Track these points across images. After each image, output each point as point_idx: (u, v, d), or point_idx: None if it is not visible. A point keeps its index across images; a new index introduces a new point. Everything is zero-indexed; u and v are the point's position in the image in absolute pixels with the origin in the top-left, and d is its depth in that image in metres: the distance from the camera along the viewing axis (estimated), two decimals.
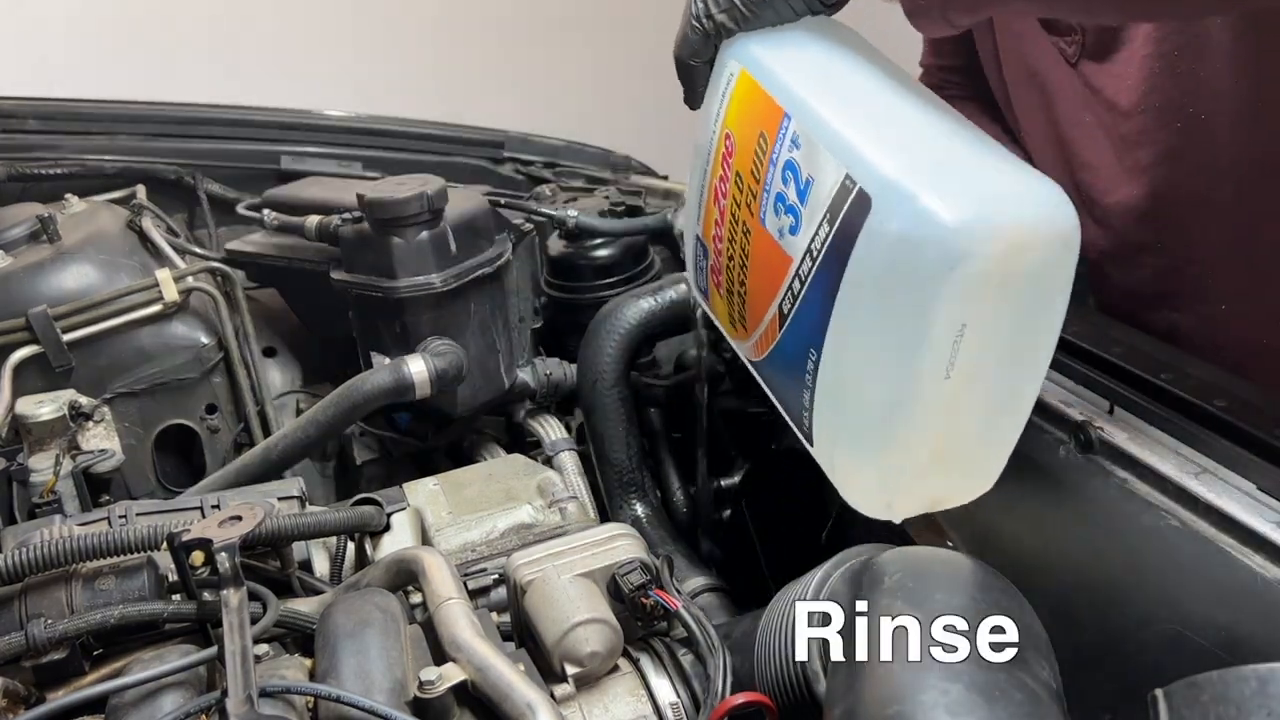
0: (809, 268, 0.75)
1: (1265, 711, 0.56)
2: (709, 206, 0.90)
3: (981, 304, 0.68)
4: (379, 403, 1.28)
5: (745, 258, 0.84)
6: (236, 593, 0.76)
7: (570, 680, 0.83)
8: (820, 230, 0.73)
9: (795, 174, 0.76)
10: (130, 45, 3.13)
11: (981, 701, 0.63)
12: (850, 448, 0.78)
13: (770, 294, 0.81)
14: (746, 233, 0.84)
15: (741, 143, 0.83)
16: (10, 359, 1.38)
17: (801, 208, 0.75)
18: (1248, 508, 0.73)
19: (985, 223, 0.66)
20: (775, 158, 0.79)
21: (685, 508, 1.46)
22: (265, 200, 1.64)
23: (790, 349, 0.79)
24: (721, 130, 0.86)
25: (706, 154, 0.89)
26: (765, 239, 0.81)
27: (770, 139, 0.79)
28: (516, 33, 3.59)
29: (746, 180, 0.83)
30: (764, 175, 0.80)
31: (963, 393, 0.71)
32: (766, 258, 0.81)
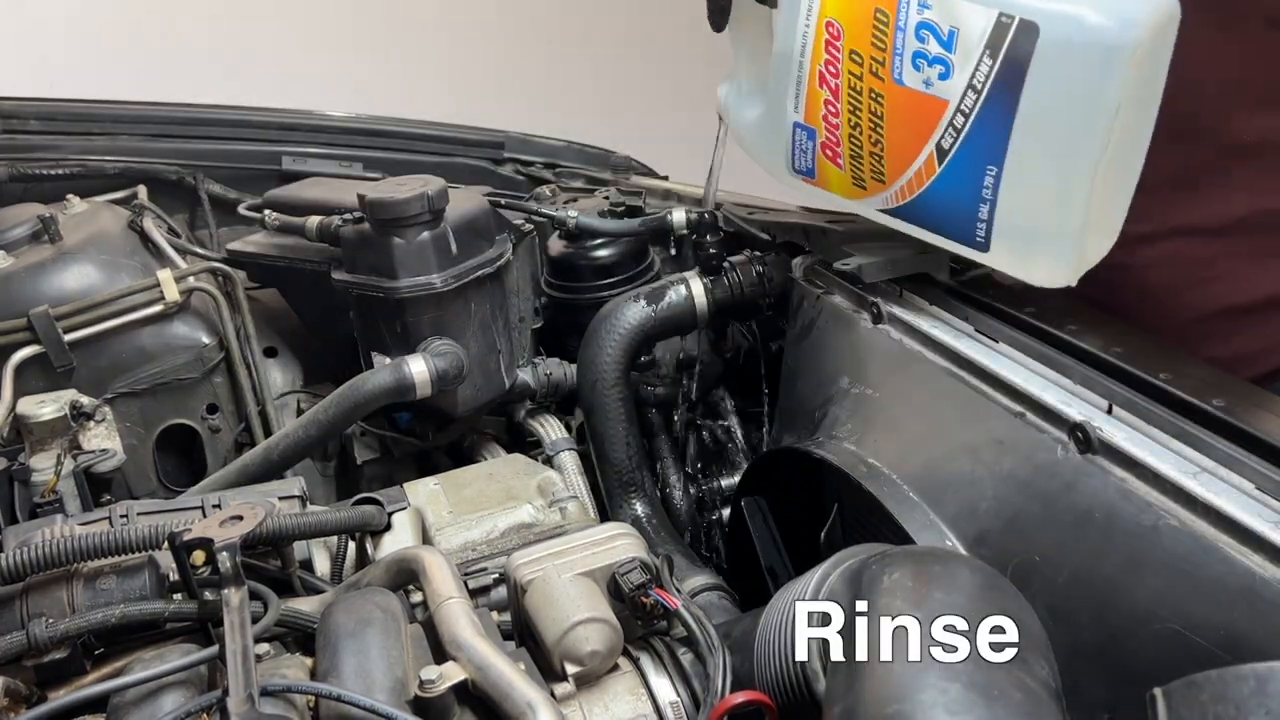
0: (974, 100, 0.91)
1: (1264, 710, 0.56)
2: (812, 93, 1.03)
3: (1132, 83, 0.86)
4: (380, 402, 1.28)
5: (879, 119, 0.98)
6: (237, 592, 0.77)
7: (570, 679, 0.83)
8: (981, 66, 0.89)
9: (933, 30, 0.91)
10: (131, 45, 3.14)
11: (981, 701, 0.64)
12: (1032, 236, 0.94)
13: (920, 139, 0.96)
14: (876, 96, 0.97)
15: (852, 24, 0.97)
16: (12, 359, 1.38)
17: (950, 55, 0.91)
18: (1246, 507, 0.73)
19: (1135, 17, 0.85)
20: (903, 23, 0.93)
21: (685, 508, 1.46)
22: (266, 201, 1.64)
23: (958, 176, 0.95)
24: (820, 22, 0.99)
25: (800, 49, 1.02)
26: (905, 95, 0.95)
27: (891, 11, 0.93)
28: (517, 33, 3.59)
29: (866, 54, 0.96)
30: (890, 43, 0.94)
31: (1112, 163, 0.90)
32: (910, 110, 0.95)
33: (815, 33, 1.00)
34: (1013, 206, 0.93)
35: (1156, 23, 0.86)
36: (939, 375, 1.03)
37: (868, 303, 1.16)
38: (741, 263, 1.37)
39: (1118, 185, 0.95)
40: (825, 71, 1.01)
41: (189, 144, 1.93)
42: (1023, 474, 0.91)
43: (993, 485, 0.93)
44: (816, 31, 1.00)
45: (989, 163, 0.92)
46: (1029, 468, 0.90)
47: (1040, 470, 0.89)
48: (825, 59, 1.00)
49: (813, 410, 1.22)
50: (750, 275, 1.36)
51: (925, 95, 0.94)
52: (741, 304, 1.37)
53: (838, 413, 1.16)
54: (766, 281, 1.35)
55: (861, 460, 1.08)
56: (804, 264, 1.32)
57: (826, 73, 1.01)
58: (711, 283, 1.36)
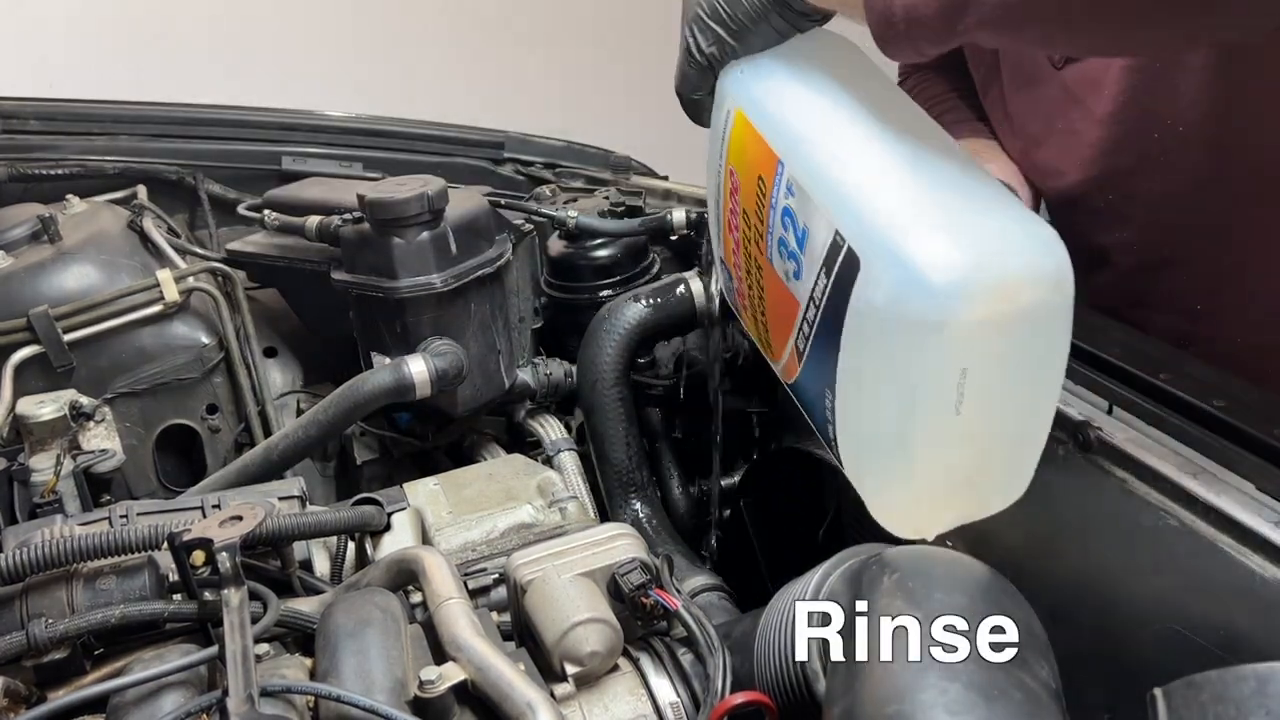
0: (814, 315, 0.76)
1: (1264, 711, 0.56)
2: (725, 234, 0.91)
3: (978, 349, 0.68)
4: (380, 403, 1.28)
5: (761, 291, 0.86)
6: (237, 592, 0.77)
7: (570, 680, 0.83)
8: (819, 281, 0.74)
9: (793, 221, 0.77)
10: (131, 45, 3.14)
11: (980, 701, 0.64)
12: (874, 478, 0.79)
13: (786, 330, 0.82)
14: (758, 268, 0.85)
15: (744, 182, 0.84)
16: (11, 359, 1.38)
17: (801, 256, 0.76)
18: (1246, 507, 0.73)
19: (972, 280, 0.65)
20: (774, 202, 0.79)
21: (685, 508, 1.46)
22: (266, 201, 1.64)
23: (809, 383, 0.81)
24: (726, 166, 0.87)
25: (716, 183, 0.90)
26: (774, 279, 0.82)
27: (768, 184, 0.80)
28: (517, 33, 3.59)
29: (752, 219, 0.83)
30: (766, 218, 0.80)
31: (976, 423, 0.72)
32: (778, 296, 0.82)
33: (724, 174, 0.88)
34: (849, 440, 0.79)
35: (1015, 290, 0.67)
36: None
37: None
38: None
39: (1009, 441, 0.76)
40: (729, 216, 0.89)
41: (189, 144, 1.93)
42: None
43: None
44: (725, 174, 0.88)
45: (825, 384, 0.77)
46: None
47: (1040, 470, 0.89)
48: (729, 207, 0.88)
49: None
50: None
51: (785, 288, 0.80)
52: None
53: None
54: None
55: None
56: None
57: (730, 218, 0.89)
58: (712, 283, 1.36)
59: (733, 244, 0.90)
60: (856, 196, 0.72)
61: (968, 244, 0.67)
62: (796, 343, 0.80)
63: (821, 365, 0.77)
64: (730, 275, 0.94)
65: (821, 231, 0.73)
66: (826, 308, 0.74)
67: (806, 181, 0.76)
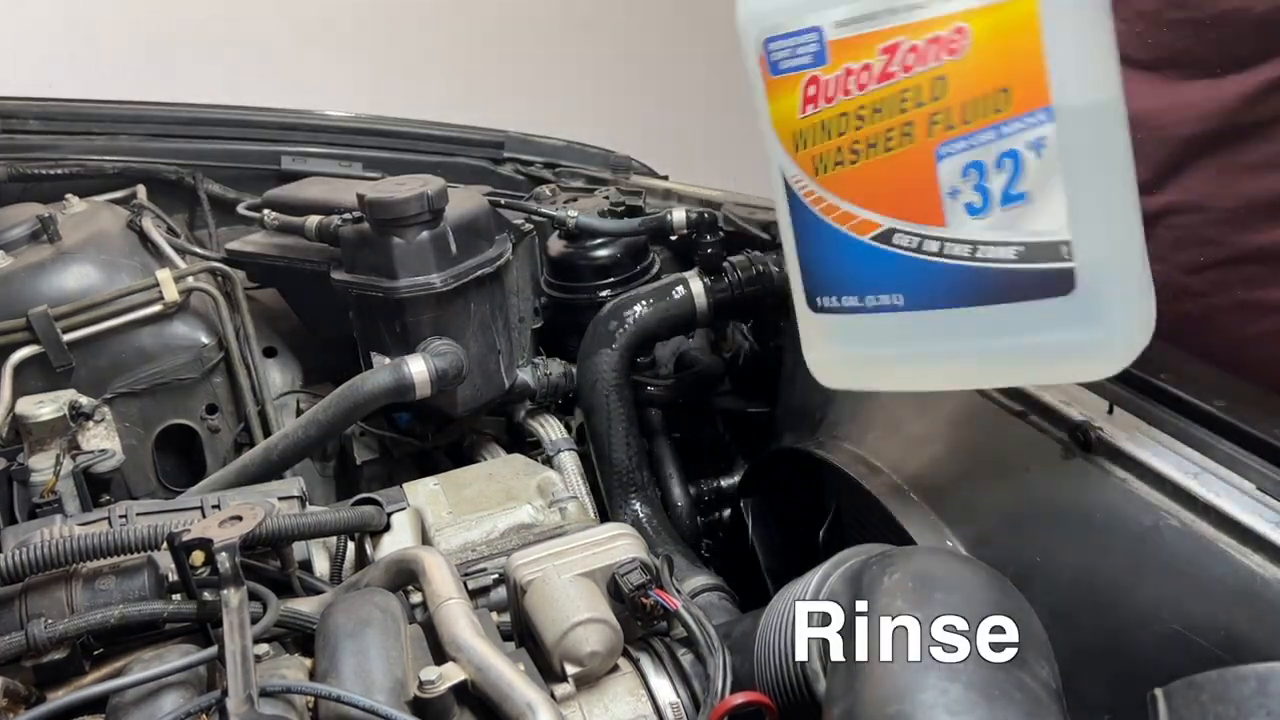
0: (966, 251, 0.75)
1: (1264, 711, 0.56)
2: (850, 45, 0.78)
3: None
4: (379, 403, 1.28)
5: (886, 146, 0.78)
6: (237, 593, 0.76)
7: (570, 680, 0.83)
8: (1000, 248, 0.74)
9: (1015, 173, 0.72)
10: (131, 45, 3.14)
11: (981, 701, 0.64)
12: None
13: (897, 206, 0.79)
14: (906, 135, 0.76)
15: (975, 65, 0.72)
16: (11, 359, 1.38)
17: (995, 207, 0.73)
18: (1247, 507, 0.73)
19: (1132, 351, 0.77)
20: (1003, 130, 0.72)
21: (685, 508, 1.46)
22: (266, 200, 1.64)
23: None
24: (954, 19, 0.73)
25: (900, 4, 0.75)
26: (926, 169, 0.75)
27: (1012, 106, 0.71)
28: (517, 33, 3.59)
29: (954, 108, 0.74)
30: (975, 126, 0.72)
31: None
32: (916, 180, 0.76)
33: (938, 22, 0.77)
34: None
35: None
36: None
37: None
38: (741, 262, 1.37)
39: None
40: (885, 49, 0.79)
41: (189, 144, 1.93)
42: (1023, 474, 0.91)
43: (993, 486, 0.93)
44: (942, 24, 0.76)
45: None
46: (1030, 468, 0.90)
47: (1041, 470, 0.89)
48: (904, 44, 0.78)
49: (813, 410, 1.22)
50: (750, 275, 1.36)
51: (937, 195, 0.80)
52: (741, 304, 1.37)
53: (838, 413, 1.16)
54: (766, 281, 1.35)
55: (861, 460, 1.08)
56: None
57: (888, 51, 0.79)
58: (711, 283, 1.36)
59: (858, 66, 0.78)
60: (1099, 216, 0.73)
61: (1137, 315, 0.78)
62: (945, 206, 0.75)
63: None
64: (823, 52, 0.80)
65: (1049, 222, 0.72)
66: (999, 276, 0.75)
67: (1068, 157, 0.71)
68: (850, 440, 1.12)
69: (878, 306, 0.83)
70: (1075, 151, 0.72)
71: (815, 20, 0.79)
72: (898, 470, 1.04)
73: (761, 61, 0.84)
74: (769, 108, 0.85)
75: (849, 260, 0.83)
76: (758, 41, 0.83)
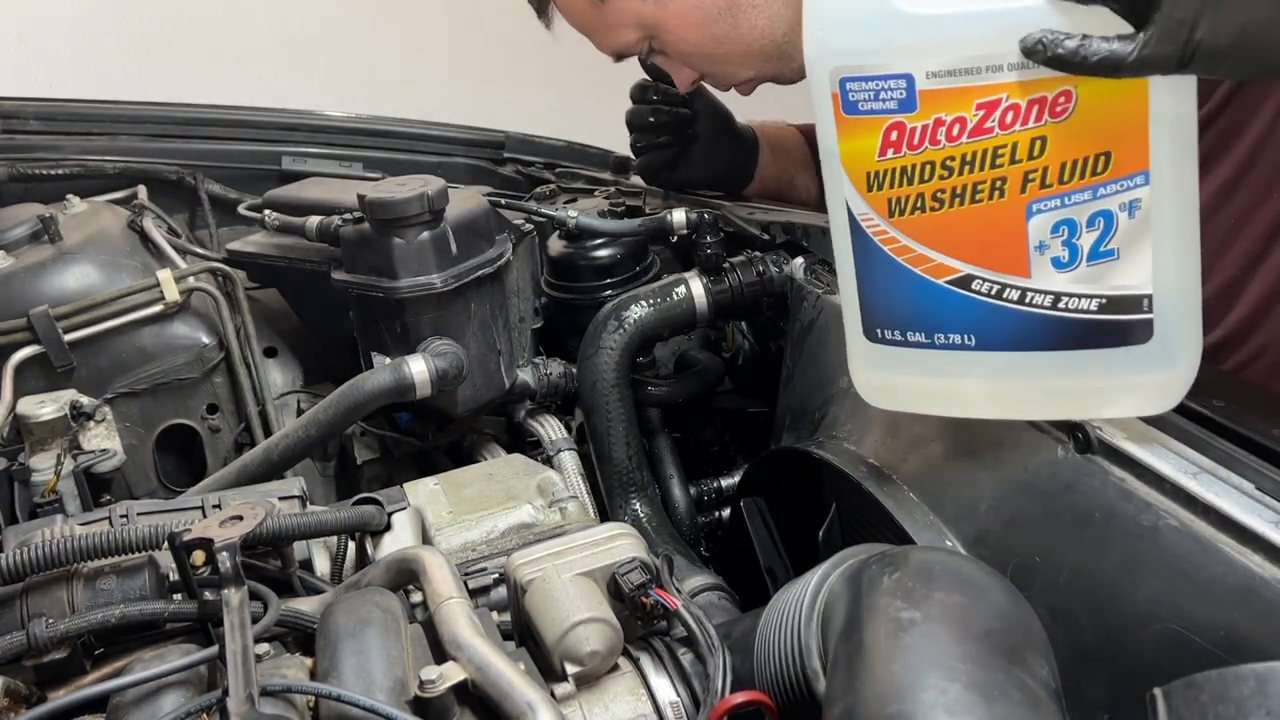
0: (1048, 301, 0.78)
1: (1264, 711, 0.56)
2: (943, 96, 0.76)
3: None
4: (380, 403, 1.28)
5: (974, 198, 0.78)
6: (237, 592, 0.77)
7: (570, 679, 0.83)
8: (1083, 299, 0.76)
9: (1106, 231, 0.74)
10: (131, 45, 3.14)
11: (980, 701, 0.64)
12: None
13: (979, 255, 0.80)
14: (998, 190, 0.77)
15: (1078, 128, 0.73)
16: (11, 359, 1.38)
17: (1083, 263, 0.75)
18: (1246, 507, 0.73)
19: (1188, 386, 0.78)
20: (1098, 193, 0.74)
21: (685, 508, 1.46)
22: (266, 201, 1.64)
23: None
24: (1061, 83, 0.72)
25: (1006, 57, 0.74)
26: (1015, 223, 0.76)
27: (1111, 169, 0.73)
28: (518, 33, 3.58)
29: (1051, 168, 0.75)
30: (1071, 186, 0.74)
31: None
32: (1002, 232, 0.77)
33: (1043, 86, 0.76)
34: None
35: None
36: None
37: None
38: (741, 263, 1.37)
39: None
40: (983, 105, 0.79)
41: (189, 144, 1.93)
42: (1022, 474, 0.91)
43: (992, 485, 0.93)
44: (1048, 88, 0.76)
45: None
46: (1029, 468, 0.90)
47: (1040, 470, 0.89)
48: (1007, 104, 0.78)
49: (813, 410, 1.22)
50: (750, 275, 1.36)
51: (1024, 251, 0.81)
52: (741, 304, 1.37)
53: (838, 413, 1.17)
54: (766, 281, 1.35)
55: (861, 460, 1.08)
56: (804, 264, 1.32)
57: (987, 109, 0.79)
58: (711, 283, 1.36)
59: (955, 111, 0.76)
60: (1176, 271, 0.76)
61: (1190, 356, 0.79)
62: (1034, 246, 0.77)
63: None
64: (914, 97, 0.79)
65: (1132, 277, 0.75)
66: (1073, 324, 0.78)
67: (1156, 219, 0.74)
68: (850, 440, 1.12)
69: (946, 344, 0.85)
70: (1164, 210, 0.74)
71: (905, 67, 0.77)
72: (897, 470, 1.04)
73: (835, 99, 0.82)
74: (839, 145, 0.83)
75: (920, 300, 0.84)
76: (831, 79, 0.81)
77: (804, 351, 1.27)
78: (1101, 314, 0.77)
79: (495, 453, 1.47)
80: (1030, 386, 0.84)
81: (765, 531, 1.30)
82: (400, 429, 1.52)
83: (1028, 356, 0.82)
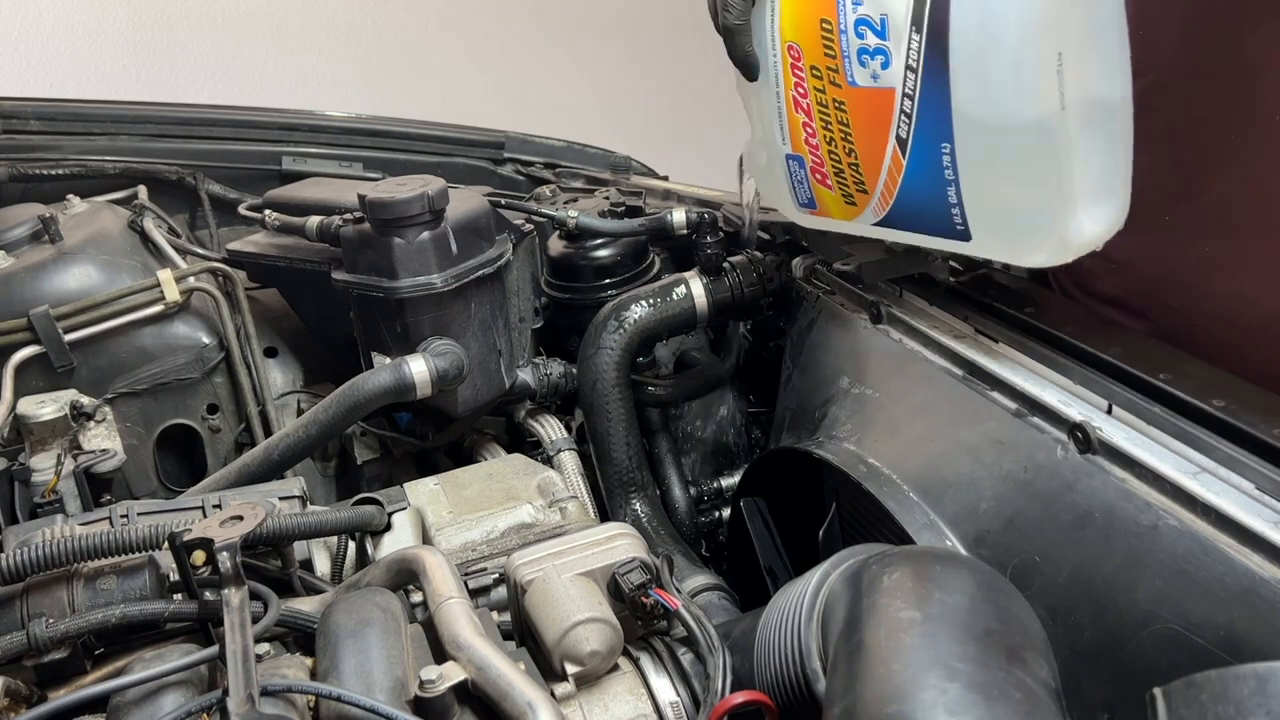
0: (913, 81, 0.89)
1: (1264, 711, 0.56)
2: (791, 120, 1.03)
3: (1066, 28, 0.82)
4: (380, 402, 1.28)
5: (846, 127, 0.98)
6: (238, 592, 0.77)
7: (570, 679, 0.83)
8: (911, 43, 0.88)
9: (868, 23, 0.91)
10: (131, 45, 3.14)
11: (980, 701, 0.64)
12: (1009, 213, 0.91)
13: (882, 136, 0.94)
14: (839, 105, 0.97)
15: (806, 41, 0.97)
16: (12, 359, 1.38)
17: (886, 42, 0.90)
18: (1246, 507, 0.73)
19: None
20: (844, 25, 0.93)
21: (685, 508, 1.46)
22: (266, 201, 1.64)
23: (921, 164, 0.93)
24: (782, 47, 1.00)
25: (772, 81, 1.02)
26: (860, 94, 0.95)
27: (833, 17, 0.94)
28: (518, 33, 3.59)
29: (823, 65, 0.96)
30: (838, 46, 0.94)
31: (1082, 112, 0.84)
32: (867, 108, 0.94)
33: (781, 59, 1.00)
34: (978, 184, 0.90)
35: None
36: (938, 375, 1.03)
37: (867, 303, 1.16)
38: (741, 263, 1.37)
39: (1101, 140, 0.89)
40: (796, 95, 1.01)
41: (189, 144, 1.93)
42: (1022, 474, 0.91)
43: (992, 485, 0.94)
44: (782, 58, 1.00)
45: (941, 140, 0.90)
46: (1029, 468, 0.90)
47: (1040, 470, 0.89)
48: (794, 83, 1.00)
49: (813, 410, 1.22)
50: (750, 275, 1.36)
51: (875, 90, 0.93)
52: (741, 304, 1.37)
53: (838, 413, 1.17)
54: (766, 281, 1.36)
55: (861, 460, 1.08)
56: (804, 264, 1.32)
57: (797, 96, 1.01)
58: (711, 283, 1.36)
59: (803, 119, 1.01)
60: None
61: None
62: (898, 132, 0.93)
63: (932, 126, 0.90)
64: (803, 161, 1.05)
65: (900, 3, 0.88)
66: (927, 58, 0.87)
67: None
68: (850, 440, 1.12)
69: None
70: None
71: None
72: (897, 470, 1.04)
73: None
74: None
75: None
76: None
77: (804, 352, 1.27)
78: (924, 26, 0.89)
79: (495, 453, 1.47)
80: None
81: (765, 531, 1.30)
82: (400, 429, 1.53)
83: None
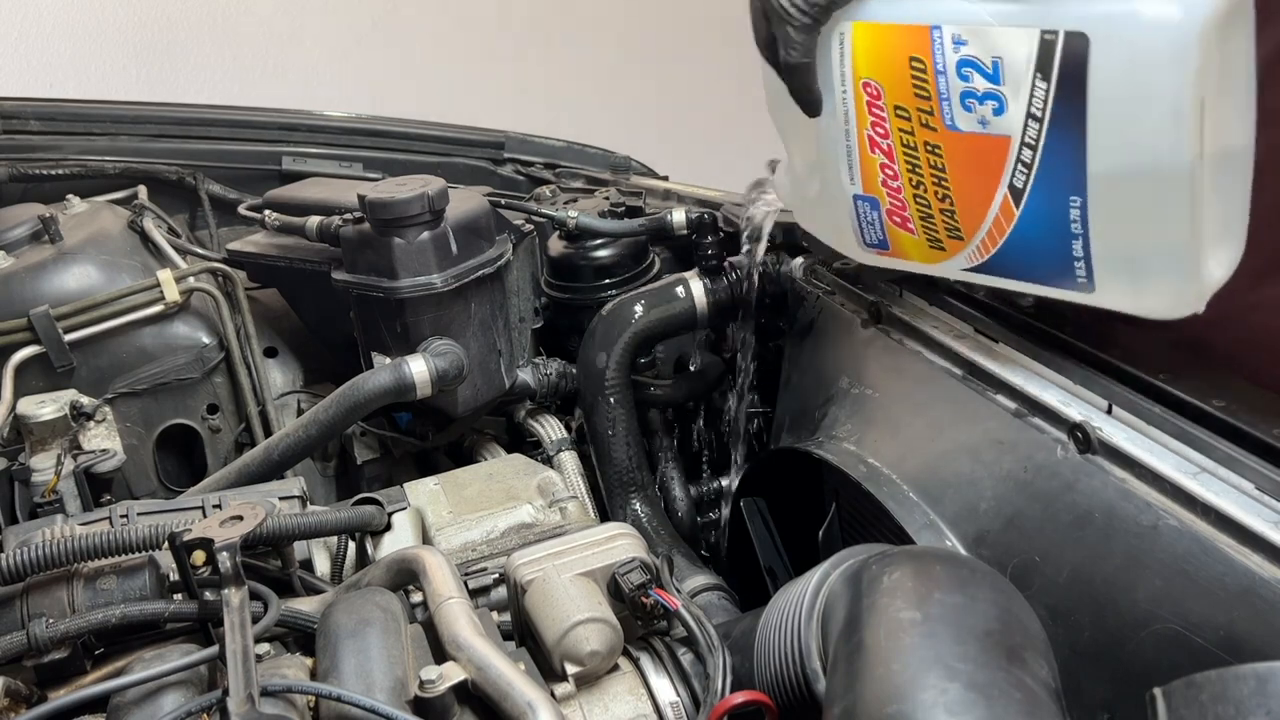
0: (1037, 130, 0.84)
1: (1264, 711, 0.56)
2: (865, 160, 0.97)
3: (1211, 68, 0.78)
4: (380, 402, 1.28)
5: (940, 171, 0.92)
6: (238, 592, 0.77)
7: (570, 679, 0.83)
8: (1036, 92, 0.83)
9: (976, 66, 0.85)
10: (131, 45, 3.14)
11: (980, 700, 0.64)
12: (1141, 264, 0.86)
13: (990, 183, 0.89)
14: (933, 149, 0.91)
15: (889, 79, 0.91)
16: (12, 359, 1.38)
17: (1000, 87, 0.85)
18: (1246, 507, 0.73)
19: (1196, 4, 0.76)
20: (942, 66, 0.87)
21: (685, 508, 1.46)
22: (266, 201, 1.64)
23: (1039, 215, 0.88)
24: (856, 85, 0.94)
25: (840, 118, 0.96)
26: (962, 140, 0.89)
27: (926, 56, 0.87)
28: (518, 33, 3.59)
29: (911, 105, 0.90)
30: (933, 89, 0.88)
31: (1214, 162, 0.81)
32: (971, 155, 0.89)
33: (854, 97, 0.94)
34: (1110, 236, 0.85)
35: (1228, 3, 0.77)
36: (939, 375, 1.03)
37: (867, 303, 1.16)
38: (741, 263, 1.37)
39: (1229, 186, 0.85)
40: (874, 135, 0.94)
41: (189, 144, 1.93)
42: (1022, 474, 0.91)
43: (992, 485, 0.94)
44: (855, 95, 0.94)
45: (1070, 193, 0.85)
46: (1029, 468, 0.90)
47: (1040, 470, 0.89)
48: (871, 121, 0.94)
49: (813, 410, 1.22)
50: (750, 275, 1.36)
51: (984, 136, 0.87)
52: (741, 304, 1.37)
53: (838, 413, 1.17)
54: (766, 282, 1.36)
55: (861, 460, 1.08)
56: (804, 264, 1.32)
57: (875, 135, 0.94)
58: (711, 283, 1.36)
59: (881, 159, 0.95)
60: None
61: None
62: (1013, 181, 0.87)
63: (1059, 178, 0.85)
64: (877, 204, 0.99)
65: (1021, 47, 0.82)
66: (1056, 107, 0.82)
67: (977, 22, 0.85)
68: (850, 440, 1.12)
69: None
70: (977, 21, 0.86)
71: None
72: (897, 470, 1.04)
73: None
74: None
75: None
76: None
77: (804, 352, 1.27)
78: (1053, 73, 0.84)
79: (495, 453, 1.47)
80: None
81: (765, 531, 1.30)
82: (400, 429, 1.53)
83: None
